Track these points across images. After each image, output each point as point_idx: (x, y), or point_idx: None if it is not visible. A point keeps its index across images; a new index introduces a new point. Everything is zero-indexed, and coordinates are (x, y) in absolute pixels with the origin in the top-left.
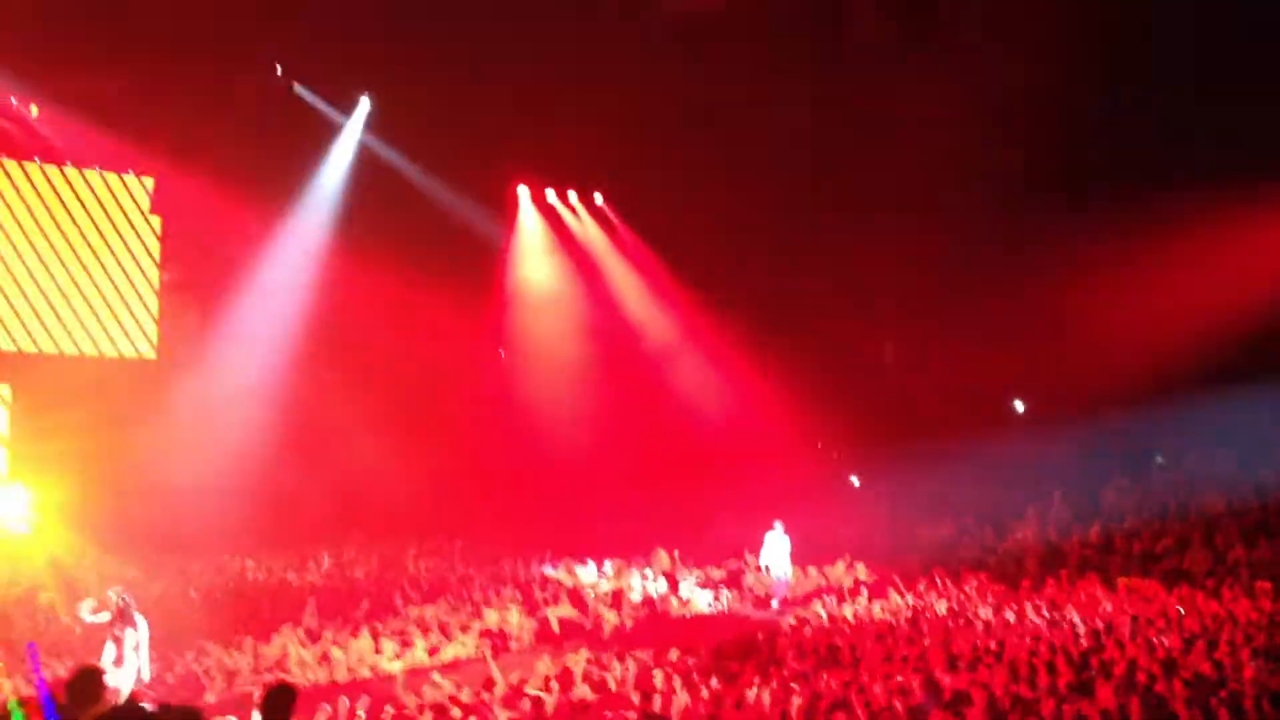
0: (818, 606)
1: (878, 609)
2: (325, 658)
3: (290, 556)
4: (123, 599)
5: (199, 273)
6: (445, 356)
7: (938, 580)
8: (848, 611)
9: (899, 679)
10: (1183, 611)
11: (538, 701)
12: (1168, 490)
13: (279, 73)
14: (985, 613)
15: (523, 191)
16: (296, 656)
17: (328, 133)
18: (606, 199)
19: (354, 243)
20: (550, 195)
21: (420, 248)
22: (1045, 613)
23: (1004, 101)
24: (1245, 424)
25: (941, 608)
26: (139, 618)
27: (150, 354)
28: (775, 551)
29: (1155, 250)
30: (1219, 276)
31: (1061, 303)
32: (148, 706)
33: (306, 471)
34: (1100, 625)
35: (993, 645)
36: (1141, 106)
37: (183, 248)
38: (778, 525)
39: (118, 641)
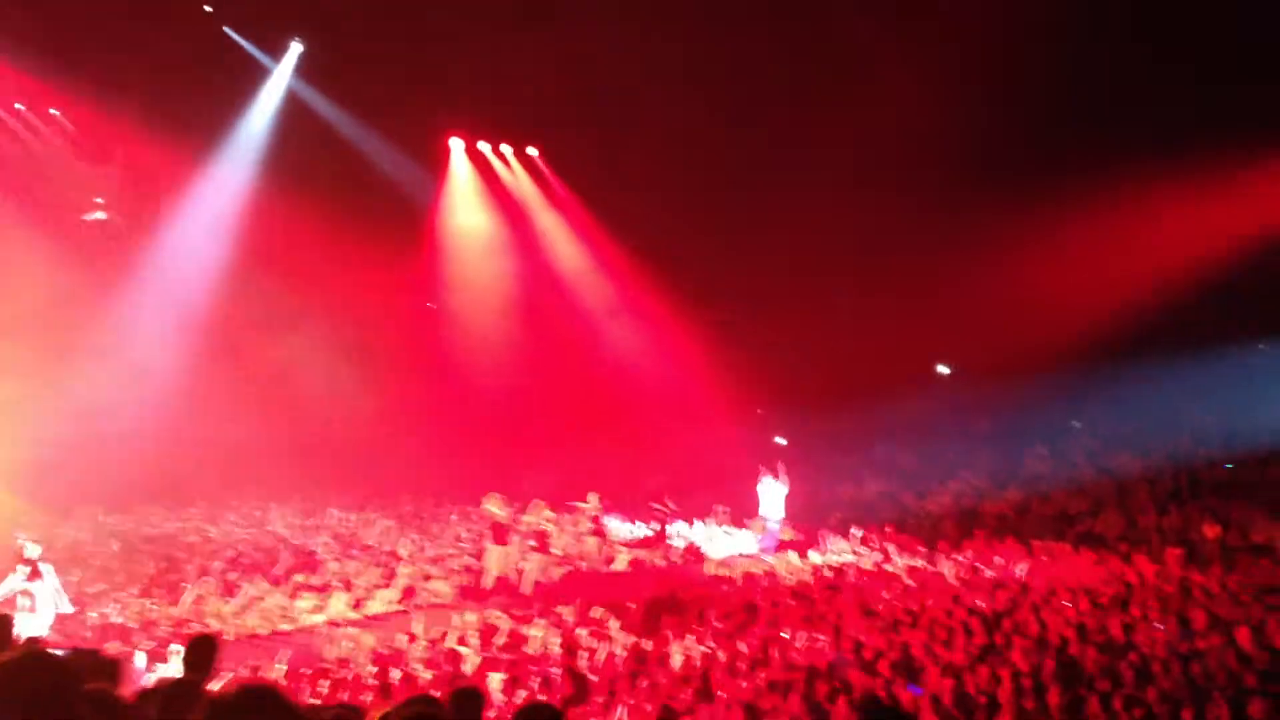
0: (740, 564)
1: (799, 568)
2: (243, 610)
3: (211, 507)
4: (27, 547)
5: (124, 216)
6: (373, 306)
7: (858, 540)
8: (769, 569)
9: (818, 637)
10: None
11: (458, 656)
12: (1083, 455)
13: (208, 11)
14: (904, 574)
15: (455, 143)
16: (215, 609)
17: (257, 77)
18: (541, 154)
19: (281, 189)
20: (483, 147)
21: (349, 196)
22: (962, 574)
23: (935, 73)
24: (1160, 392)
25: (861, 567)
26: (45, 567)
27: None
28: (770, 498)
29: (1077, 222)
30: (1138, 249)
31: (985, 271)
32: (58, 653)
33: (228, 422)
34: (1015, 587)
35: (911, 605)
36: (1070, 80)
37: (108, 190)
38: (786, 479)
39: (28, 592)
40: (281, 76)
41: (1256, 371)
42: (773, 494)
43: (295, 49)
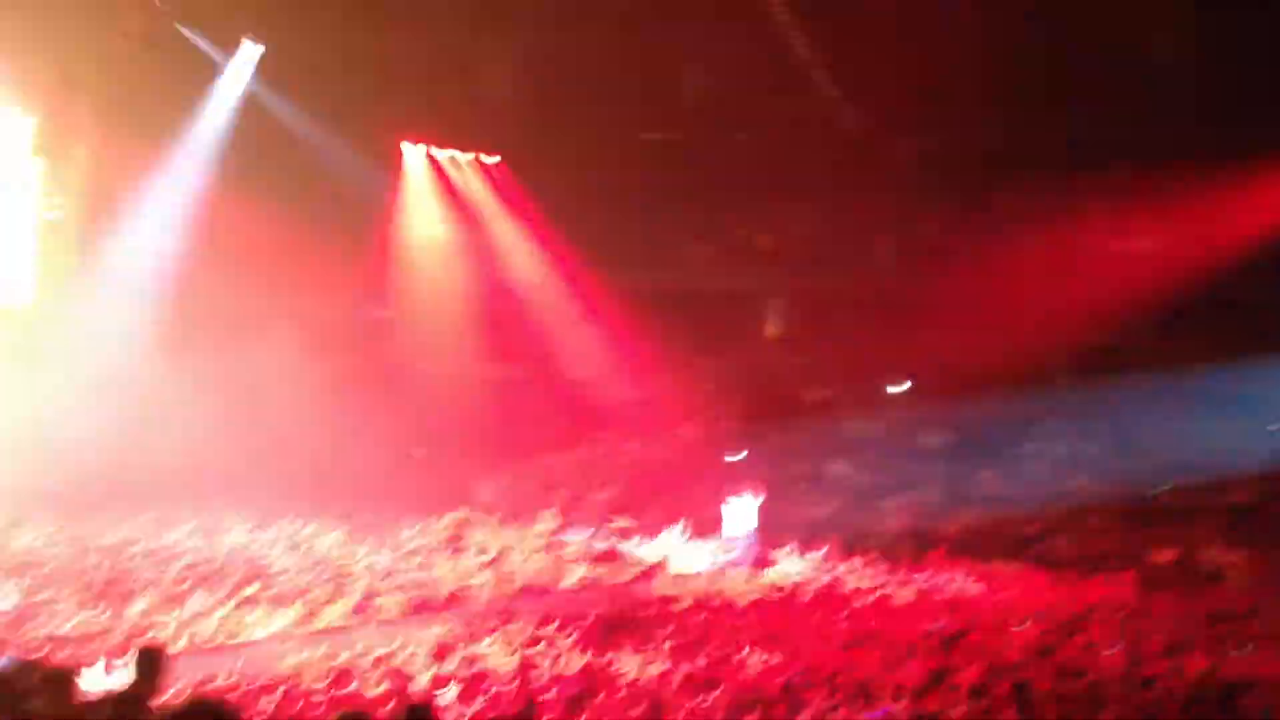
0: (694, 583)
1: (753, 587)
2: (192, 621)
3: (162, 516)
4: None
5: (80, 217)
6: (330, 313)
7: (813, 559)
8: (723, 588)
9: (773, 658)
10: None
11: (406, 674)
12: (1038, 476)
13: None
14: (858, 594)
15: (409, 148)
16: (161, 621)
17: (211, 75)
18: (499, 164)
19: (237, 192)
20: (439, 153)
21: (303, 199)
22: (917, 595)
23: (886, 83)
24: (1115, 413)
25: (816, 588)
26: None
27: (27, 301)
28: (738, 517)
29: (1031, 242)
30: (1092, 269)
31: (940, 290)
32: (4, 662)
33: (182, 430)
34: (970, 609)
35: (866, 626)
36: (1025, 98)
37: (64, 191)
38: (741, 495)
39: None
40: (238, 76)
41: (1212, 395)
42: (745, 507)
43: (249, 48)
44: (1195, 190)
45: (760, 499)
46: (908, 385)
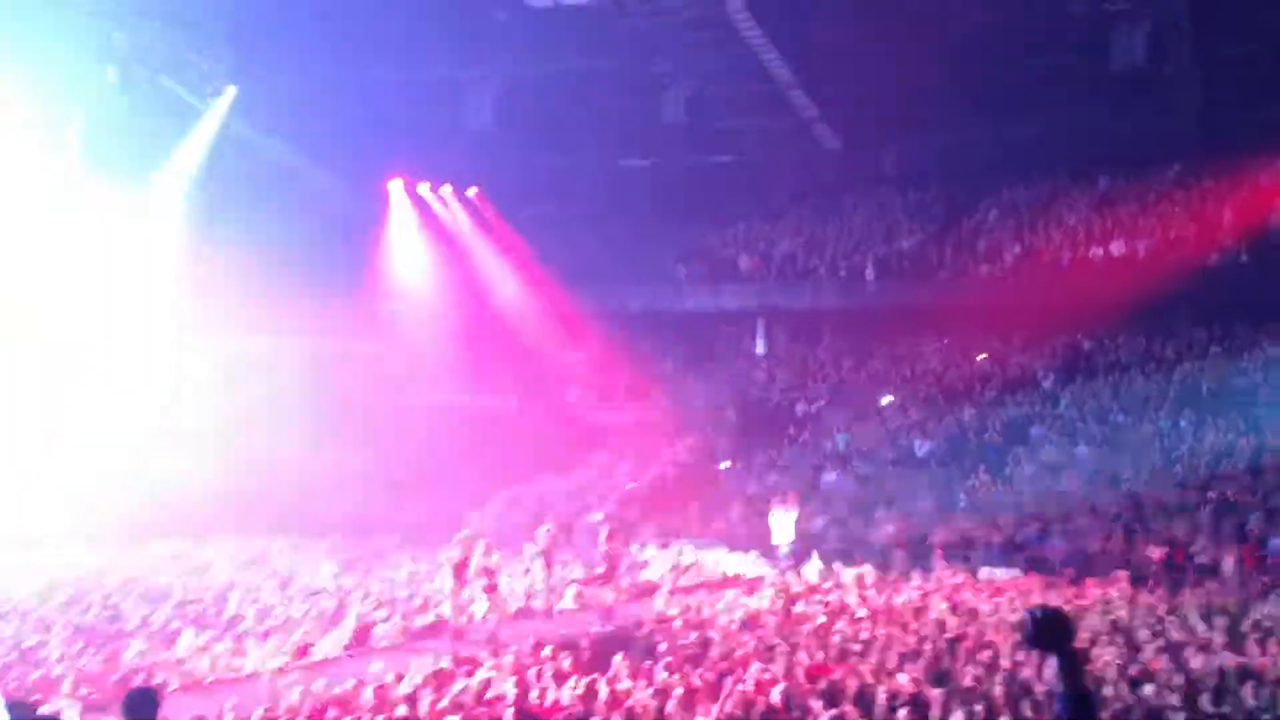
0: (693, 598)
1: (751, 600)
2: (185, 659)
3: (152, 551)
4: None
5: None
6: (322, 348)
7: (808, 570)
8: (722, 603)
9: (772, 669)
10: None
11: (409, 701)
12: (1029, 480)
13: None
14: (854, 603)
15: (395, 185)
16: (156, 658)
17: (192, 122)
18: (479, 195)
19: (217, 231)
20: (423, 190)
21: (287, 239)
22: (912, 602)
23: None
24: (1102, 414)
25: (812, 598)
26: None
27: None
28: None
29: (1016, 249)
30: (1077, 275)
31: (928, 301)
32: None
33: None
34: (965, 613)
35: (863, 634)
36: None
37: None
38: (783, 502)
39: None
40: (219, 121)
41: (1198, 394)
42: (784, 520)
43: (230, 92)
44: (1176, 194)
45: (751, 509)
46: (895, 399)
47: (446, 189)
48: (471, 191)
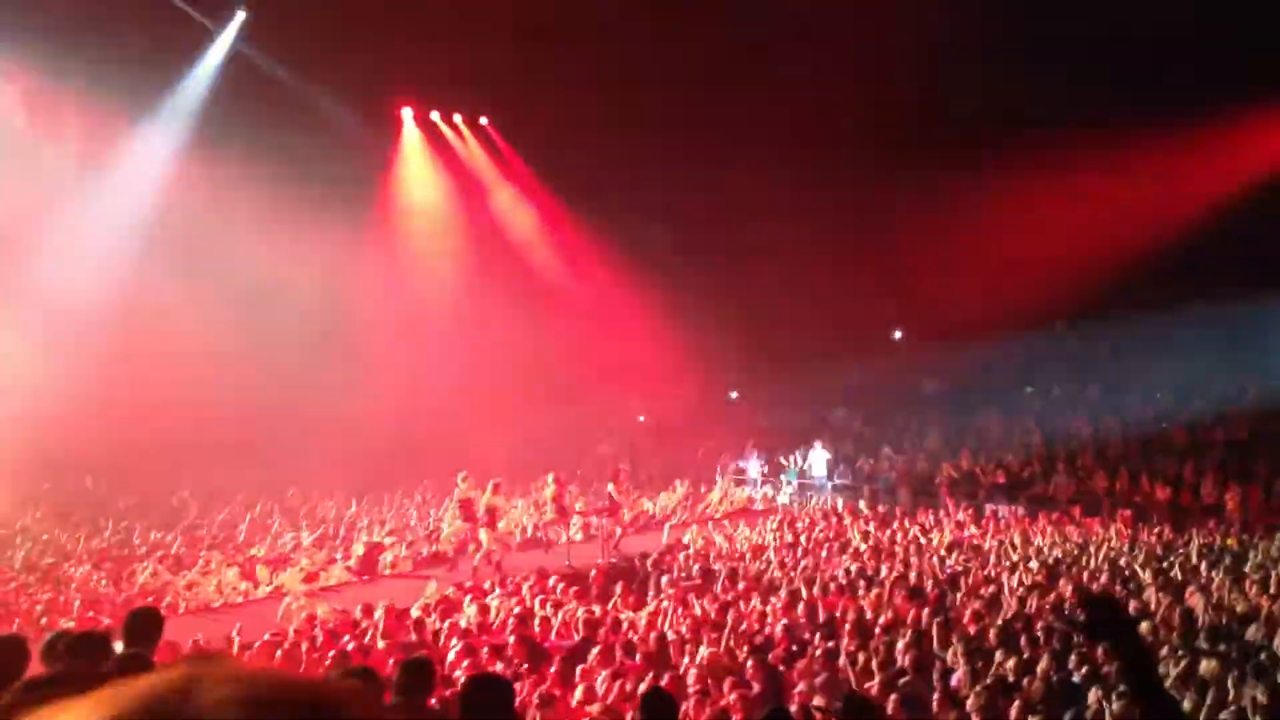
0: (695, 530)
1: (754, 534)
2: (194, 584)
3: (159, 483)
4: None
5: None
6: (328, 281)
7: (813, 506)
8: (723, 536)
9: (774, 601)
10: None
11: (417, 626)
12: (1035, 420)
13: None
14: (858, 538)
15: (406, 113)
16: (165, 582)
17: (202, 44)
18: (491, 123)
19: (225, 159)
20: (434, 116)
21: (297, 166)
22: (916, 538)
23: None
24: (1111, 358)
25: (816, 533)
26: None
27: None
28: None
29: (1029, 190)
30: (1088, 217)
31: (940, 239)
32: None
33: (170, 395)
34: (968, 549)
35: (865, 569)
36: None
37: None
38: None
39: None
40: (229, 44)
41: (1206, 336)
42: (820, 457)
43: (240, 16)
44: (1190, 137)
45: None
46: (906, 335)
47: (457, 117)
48: (483, 120)
